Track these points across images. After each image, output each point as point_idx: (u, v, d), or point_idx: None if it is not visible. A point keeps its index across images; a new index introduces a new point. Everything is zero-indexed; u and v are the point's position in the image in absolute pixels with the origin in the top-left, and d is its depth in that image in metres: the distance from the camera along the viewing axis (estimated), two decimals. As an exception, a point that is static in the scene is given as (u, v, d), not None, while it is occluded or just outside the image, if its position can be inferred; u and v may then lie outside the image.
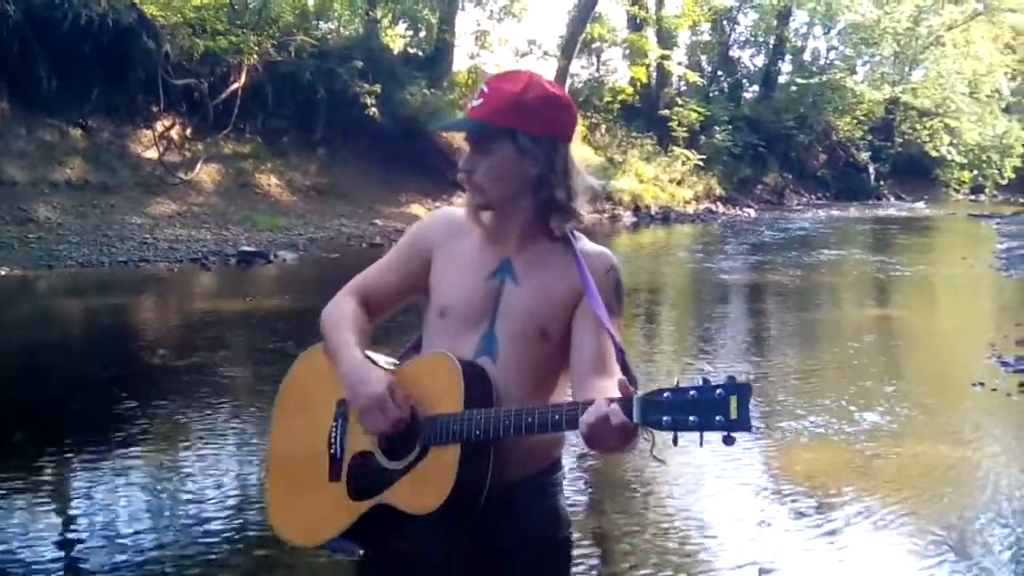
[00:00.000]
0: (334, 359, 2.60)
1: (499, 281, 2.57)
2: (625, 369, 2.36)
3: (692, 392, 2.07)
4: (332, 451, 2.62)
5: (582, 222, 2.59)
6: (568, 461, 2.47)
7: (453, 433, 2.39)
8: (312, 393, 2.71)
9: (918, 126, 45.76)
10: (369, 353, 2.63)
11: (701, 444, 2.07)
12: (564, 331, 2.54)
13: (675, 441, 2.10)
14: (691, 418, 2.06)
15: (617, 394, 2.20)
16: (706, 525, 5.88)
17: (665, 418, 2.09)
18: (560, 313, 2.53)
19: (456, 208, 2.75)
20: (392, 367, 2.66)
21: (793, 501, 6.20)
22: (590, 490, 6.31)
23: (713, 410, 2.04)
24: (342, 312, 2.68)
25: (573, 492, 6.08)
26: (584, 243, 2.62)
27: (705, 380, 2.08)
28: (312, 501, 2.65)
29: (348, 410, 2.60)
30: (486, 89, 2.53)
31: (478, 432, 2.36)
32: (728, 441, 2.04)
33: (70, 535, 5.50)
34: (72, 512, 5.90)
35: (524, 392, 2.48)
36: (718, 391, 2.05)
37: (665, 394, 2.11)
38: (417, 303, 2.78)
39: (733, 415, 2.03)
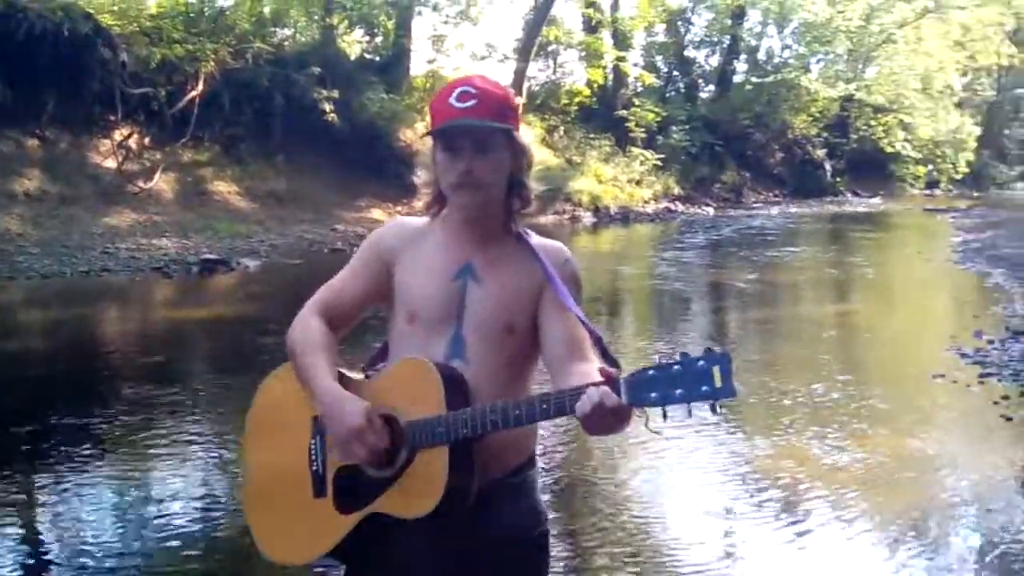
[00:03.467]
0: (306, 386, 2.62)
1: (462, 283, 2.62)
2: (605, 353, 2.44)
3: (675, 367, 2.14)
4: (314, 468, 2.63)
5: (530, 215, 2.78)
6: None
7: (439, 435, 2.43)
8: (285, 413, 2.72)
9: (873, 122, 45.97)
10: (342, 370, 2.67)
11: (690, 415, 2.15)
12: (530, 323, 2.62)
13: (664, 416, 2.18)
14: (678, 391, 2.13)
15: (598, 377, 2.28)
16: (672, 519, 5.98)
17: (653, 394, 2.16)
18: (524, 306, 2.62)
19: (409, 218, 2.84)
20: (363, 377, 2.70)
21: (757, 494, 6.29)
22: (559, 488, 6.36)
23: (698, 381, 2.11)
24: (308, 334, 2.69)
25: (541, 490, 6.13)
26: (536, 238, 2.72)
27: (684, 354, 2.16)
28: (298, 520, 2.66)
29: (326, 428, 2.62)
30: (474, 90, 2.56)
31: (465, 430, 2.40)
32: (715, 409, 2.14)
33: (32, 549, 5.48)
34: (33, 525, 5.88)
35: (497, 390, 2.53)
36: (700, 362, 2.12)
37: (649, 371, 2.18)
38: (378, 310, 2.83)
39: (718, 383, 2.10)
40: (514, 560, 2.62)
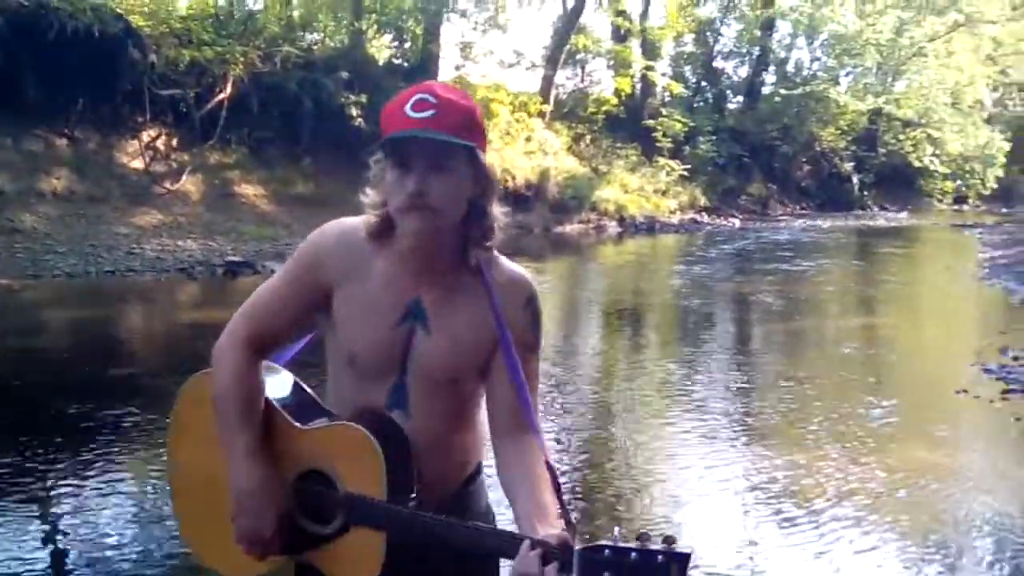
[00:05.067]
0: (226, 451, 2.45)
1: (408, 329, 2.42)
2: (560, 500, 2.30)
3: (634, 555, 2.01)
4: None
5: (492, 249, 2.45)
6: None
7: (377, 525, 2.32)
8: (210, 431, 2.51)
9: (901, 136, 45.97)
10: (272, 401, 2.51)
11: None
12: (478, 374, 2.46)
13: None
14: None
15: (539, 455, 2.31)
16: (691, 531, 5.91)
17: (605, 574, 2.02)
18: (474, 360, 2.43)
19: (350, 224, 2.50)
20: (296, 422, 2.50)
21: (777, 508, 6.24)
22: (573, 495, 6.33)
23: (653, 575, 2.00)
24: (233, 386, 2.47)
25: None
26: (498, 269, 2.46)
27: (644, 538, 2.02)
28: (230, 539, 2.49)
29: None
30: (434, 99, 2.27)
31: (403, 533, 2.29)
32: None
33: (52, 548, 5.47)
34: (53, 526, 5.86)
35: (439, 438, 2.44)
36: (659, 557, 2.00)
37: (606, 552, 2.03)
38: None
39: None
40: (463, 569, 2.45)
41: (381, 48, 30.72)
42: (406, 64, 30.10)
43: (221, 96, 22.43)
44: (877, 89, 45.54)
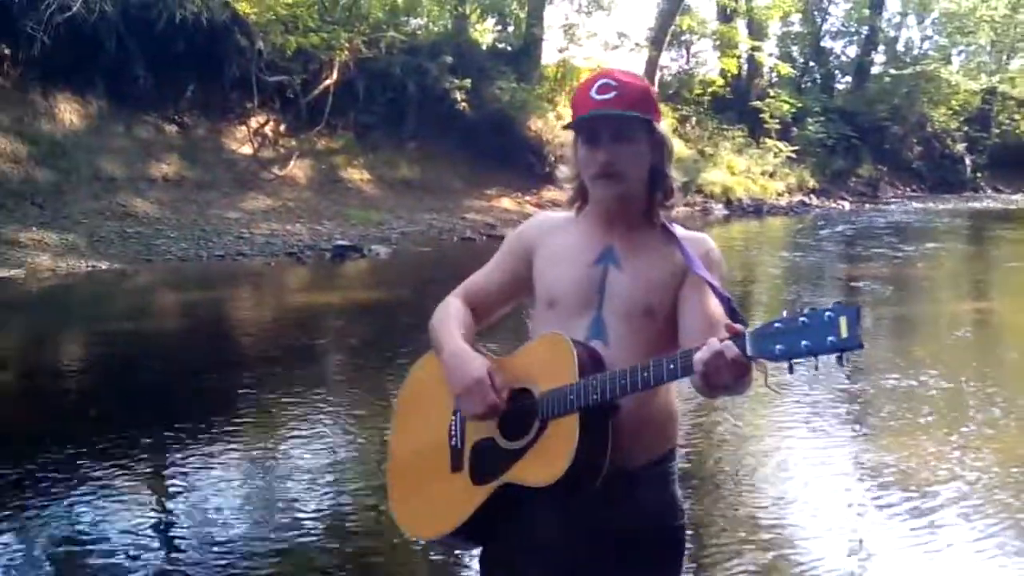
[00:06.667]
0: (438, 351, 2.73)
1: (603, 268, 2.64)
2: (733, 313, 2.43)
3: (802, 319, 2.13)
4: (452, 443, 2.70)
5: (675, 208, 2.76)
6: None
7: (570, 403, 2.45)
8: (429, 395, 2.79)
9: (1016, 116, 44.97)
10: (480, 348, 2.71)
11: (816, 368, 2.16)
12: (670, 308, 2.61)
13: (791, 369, 2.16)
14: (803, 343, 2.11)
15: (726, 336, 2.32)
16: (798, 514, 5.78)
17: (778, 347, 2.15)
18: (665, 290, 2.62)
19: (553, 212, 2.93)
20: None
21: (886, 492, 6.05)
22: (682, 477, 6.19)
23: (824, 332, 2.09)
24: (447, 310, 2.79)
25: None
26: (680, 229, 2.72)
27: (813, 308, 2.13)
28: (435, 493, 2.72)
29: None
30: (613, 82, 2.59)
31: (595, 396, 2.42)
32: (841, 361, 2.10)
33: (164, 523, 5.52)
34: (166, 500, 5.92)
35: None
36: (827, 314, 2.10)
37: (775, 324, 2.17)
38: (522, 307, 2.90)
39: (844, 334, 2.07)
40: (649, 550, 2.63)
41: (484, 32, 30.75)
42: (509, 48, 30.10)
43: (327, 82, 22.65)
44: (991, 68, 44.58)
